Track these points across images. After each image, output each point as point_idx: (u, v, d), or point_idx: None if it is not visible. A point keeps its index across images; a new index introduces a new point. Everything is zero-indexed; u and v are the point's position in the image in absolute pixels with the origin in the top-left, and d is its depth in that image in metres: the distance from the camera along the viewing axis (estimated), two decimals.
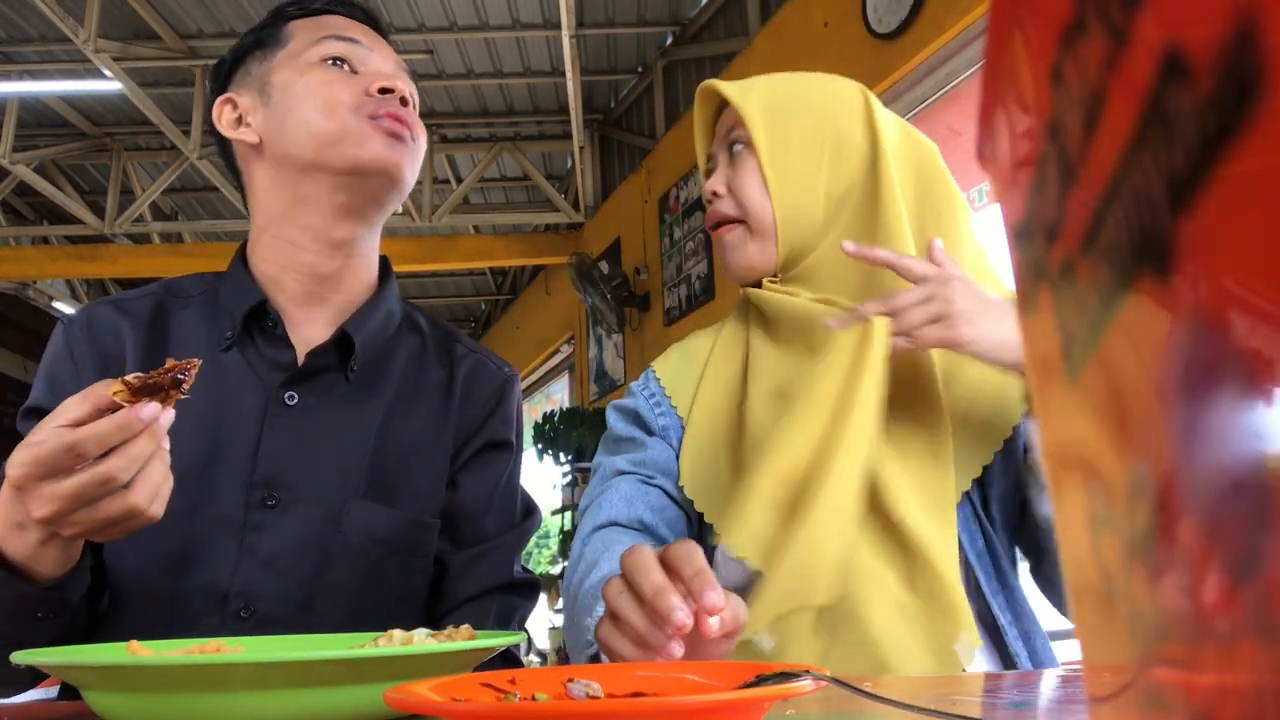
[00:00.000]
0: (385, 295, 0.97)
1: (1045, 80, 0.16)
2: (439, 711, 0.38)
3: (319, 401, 0.89)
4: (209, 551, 0.83)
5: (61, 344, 0.89)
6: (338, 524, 0.86)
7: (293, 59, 0.91)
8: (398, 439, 0.92)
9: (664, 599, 0.58)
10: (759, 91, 1.00)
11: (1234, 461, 0.11)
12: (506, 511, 0.98)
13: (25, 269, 6.53)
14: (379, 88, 0.89)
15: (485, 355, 1.02)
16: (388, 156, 0.88)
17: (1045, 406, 0.20)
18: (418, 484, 0.92)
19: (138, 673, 0.48)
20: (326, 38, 0.91)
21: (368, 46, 0.93)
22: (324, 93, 0.88)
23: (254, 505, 0.85)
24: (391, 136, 0.88)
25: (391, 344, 0.96)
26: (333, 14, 0.95)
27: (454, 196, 5.96)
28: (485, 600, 0.93)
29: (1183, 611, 0.12)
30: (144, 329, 0.90)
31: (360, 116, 0.88)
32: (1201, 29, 0.10)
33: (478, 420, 0.97)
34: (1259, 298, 0.10)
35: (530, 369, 7.42)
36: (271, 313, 0.90)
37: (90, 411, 0.62)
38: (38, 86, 5.26)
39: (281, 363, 0.89)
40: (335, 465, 0.88)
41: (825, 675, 0.43)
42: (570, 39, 4.43)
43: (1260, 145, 0.10)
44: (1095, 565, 0.17)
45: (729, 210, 0.99)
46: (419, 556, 0.91)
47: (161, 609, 0.81)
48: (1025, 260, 0.19)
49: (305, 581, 0.85)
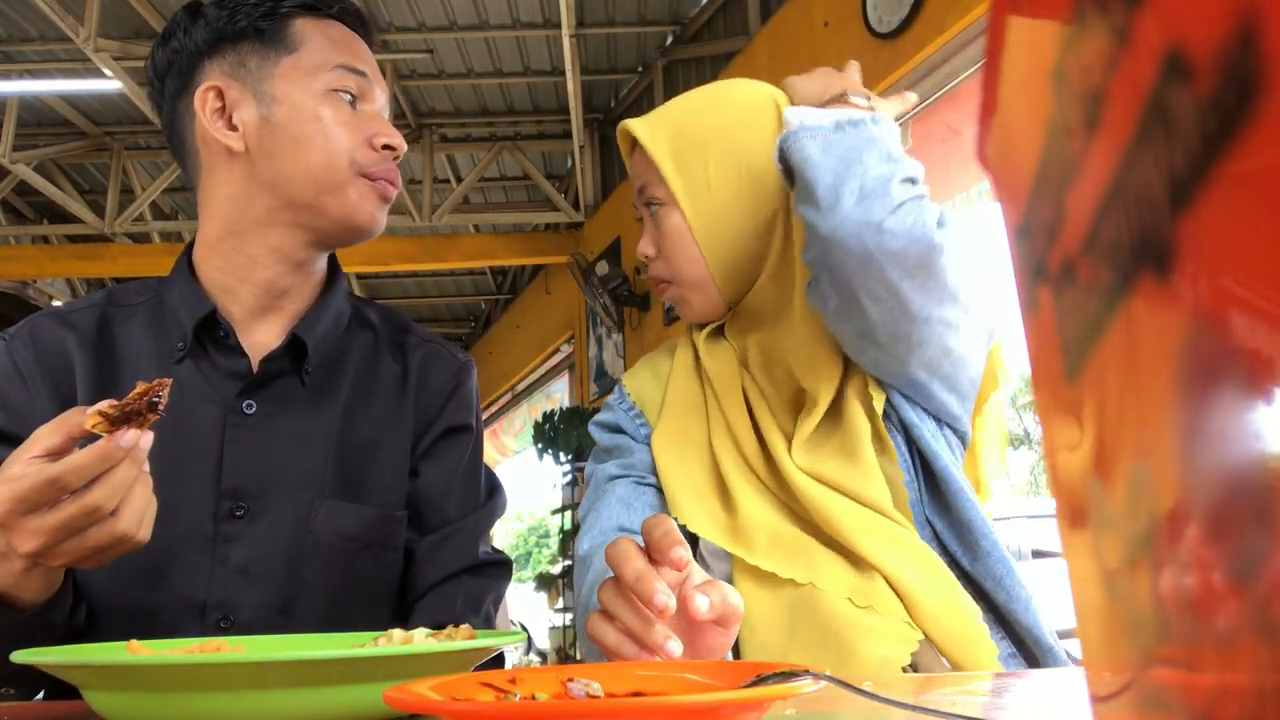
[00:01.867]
0: (334, 295, 0.96)
1: (1045, 80, 0.16)
2: (439, 711, 0.38)
3: (277, 408, 0.89)
4: (181, 565, 0.83)
5: (7, 361, 0.87)
6: (308, 526, 0.86)
7: (303, 76, 0.88)
8: (358, 436, 0.92)
9: (645, 583, 0.59)
10: (668, 129, 0.98)
11: (1234, 461, 0.11)
12: (469, 494, 0.98)
13: (25, 268, 6.53)
14: (383, 144, 0.89)
15: (439, 343, 1.02)
16: (376, 218, 0.90)
17: (1045, 406, 0.20)
18: (381, 478, 0.92)
19: (138, 672, 0.48)
20: (340, 67, 0.89)
21: (371, 79, 0.92)
22: (334, 136, 0.87)
23: (223, 517, 0.84)
24: (382, 199, 0.90)
25: (343, 342, 0.96)
26: (339, 21, 0.93)
27: (454, 196, 5.96)
28: (452, 583, 0.93)
29: (1183, 611, 0.12)
30: (90, 343, 0.88)
31: (356, 173, 0.88)
32: (1202, 29, 0.10)
33: (435, 408, 0.97)
34: (1259, 297, 0.10)
35: (530, 368, 7.41)
36: (223, 323, 0.88)
37: (64, 441, 0.62)
38: (38, 86, 5.26)
39: (236, 371, 0.88)
40: (299, 470, 0.88)
41: (825, 675, 0.43)
42: (570, 38, 4.43)
43: (1260, 145, 0.10)
44: (1095, 565, 0.17)
45: (663, 274, 1.01)
46: (390, 550, 0.92)
47: (139, 622, 0.80)
48: (1025, 260, 0.19)
49: (281, 586, 0.85)
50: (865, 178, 0.81)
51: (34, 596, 0.69)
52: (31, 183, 5.72)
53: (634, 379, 1.09)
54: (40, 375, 0.86)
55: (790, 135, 0.86)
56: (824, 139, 0.84)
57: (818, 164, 0.83)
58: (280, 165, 0.86)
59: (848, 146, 0.83)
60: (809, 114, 0.87)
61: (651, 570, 0.60)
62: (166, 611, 0.82)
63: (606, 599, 0.64)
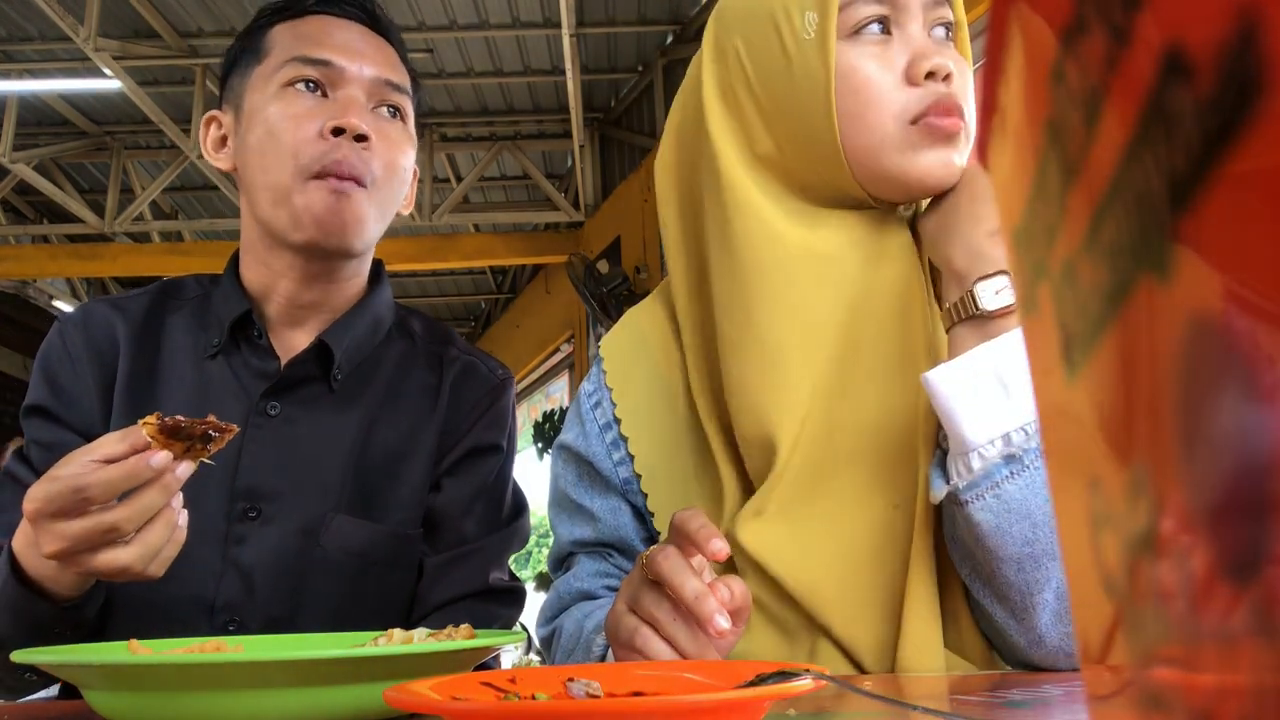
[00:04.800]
0: (372, 302, 0.94)
1: (1045, 80, 0.16)
2: (439, 711, 0.38)
3: (300, 412, 0.88)
4: (193, 562, 0.82)
5: (59, 344, 0.89)
6: (316, 539, 0.86)
7: (263, 81, 0.87)
8: (381, 447, 0.90)
9: (706, 604, 0.57)
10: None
11: (1235, 462, 0.11)
12: (490, 514, 0.95)
13: (25, 268, 6.54)
14: (332, 128, 0.83)
15: (479, 358, 1.00)
16: (327, 221, 0.83)
17: (1045, 406, 0.20)
18: (400, 494, 0.90)
19: (138, 672, 0.48)
20: (295, 59, 0.85)
21: (345, 62, 0.86)
22: (278, 134, 0.83)
23: (235, 517, 0.84)
24: (334, 194, 0.83)
25: (379, 351, 0.94)
26: (320, 14, 0.89)
27: (454, 195, 5.96)
28: (456, 608, 0.89)
29: (1183, 611, 0.12)
30: (137, 327, 0.90)
31: (303, 178, 0.83)
32: (1202, 29, 0.10)
33: (465, 425, 0.94)
34: (1260, 298, 0.10)
35: (530, 368, 7.41)
36: (257, 323, 0.89)
37: (126, 450, 0.61)
38: (38, 85, 5.26)
39: (265, 372, 0.88)
40: (316, 477, 0.87)
41: (826, 674, 0.43)
42: (570, 38, 4.43)
43: (1261, 145, 0.10)
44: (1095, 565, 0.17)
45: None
46: (400, 569, 0.90)
47: (149, 619, 0.81)
48: (1025, 260, 0.19)
49: (286, 595, 0.84)
50: (1059, 583, 0.64)
51: (68, 591, 0.70)
52: (31, 182, 5.73)
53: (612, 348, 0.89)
54: (88, 358, 0.87)
55: (964, 486, 0.65)
56: (1000, 499, 0.64)
57: (998, 539, 0.64)
58: (248, 181, 0.87)
59: (1033, 520, 0.63)
60: (975, 421, 0.64)
61: (708, 590, 0.58)
62: (177, 609, 0.82)
63: (661, 618, 0.60)
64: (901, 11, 0.73)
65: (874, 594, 0.71)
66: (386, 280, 0.99)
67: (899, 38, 0.73)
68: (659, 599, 0.61)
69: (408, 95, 0.92)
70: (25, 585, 0.69)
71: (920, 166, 0.71)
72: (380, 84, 0.89)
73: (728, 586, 0.60)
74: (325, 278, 0.90)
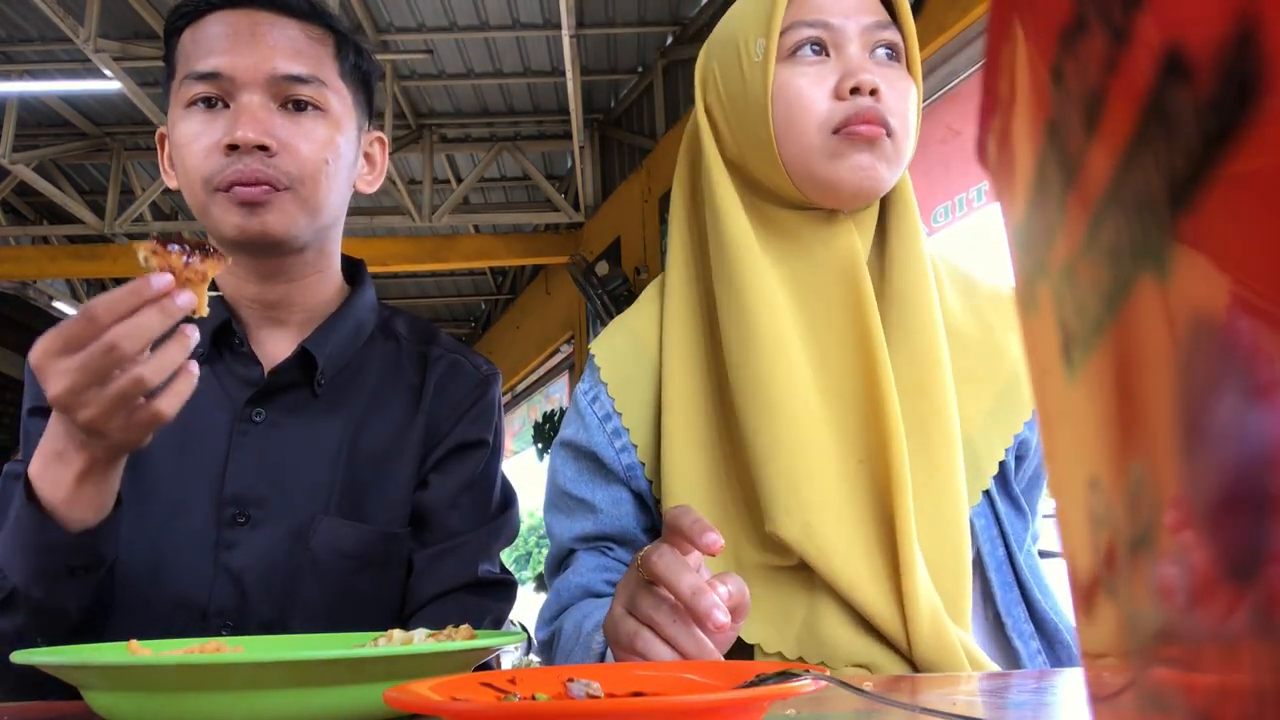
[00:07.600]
0: (354, 305, 0.94)
1: (1045, 80, 0.16)
2: (439, 711, 0.38)
3: (286, 418, 0.88)
4: (184, 568, 0.83)
5: None
6: (306, 541, 0.86)
7: (175, 97, 0.86)
8: (368, 450, 0.90)
9: (704, 599, 0.57)
10: None
11: (1234, 461, 0.11)
12: (477, 508, 0.95)
13: (25, 269, 6.54)
14: (226, 145, 0.82)
15: (463, 354, 1.00)
16: (243, 228, 0.83)
17: (1045, 406, 0.20)
18: (388, 493, 0.90)
19: (138, 672, 0.48)
20: (187, 76, 0.84)
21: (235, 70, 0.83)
22: (187, 156, 0.84)
23: (225, 523, 0.84)
24: (241, 205, 0.82)
25: (363, 354, 0.94)
26: (217, 9, 0.85)
27: (454, 196, 5.96)
28: (448, 600, 0.90)
29: (1183, 611, 0.12)
30: None
31: (212, 190, 0.83)
32: (1201, 29, 0.10)
33: (450, 421, 0.94)
34: (1259, 298, 0.10)
35: (530, 368, 7.41)
36: (237, 330, 0.89)
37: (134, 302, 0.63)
38: (38, 86, 5.27)
39: (249, 379, 0.88)
40: (303, 481, 0.87)
41: (825, 675, 0.43)
42: (570, 39, 4.43)
43: (1260, 145, 0.10)
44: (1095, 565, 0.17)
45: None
46: (391, 569, 0.90)
47: (144, 625, 0.80)
48: (1025, 260, 0.19)
49: (279, 599, 0.84)
50: None
51: (84, 515, 0.70)
52: (31, 183, 5.73)
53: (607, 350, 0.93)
54: None
55: None
56: None
57: None
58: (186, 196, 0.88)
59: None
60: None
61: (705, 585, 0.58)
62: (171, 614, 0.82)
63: (660, 620, 0.60)
64: (838, 34, 0.81)
65: (859, 530, 0.77)
66: (369, 282, 0.99)
67: (836, 59, 0.81)
68: (657, 601, 0.61)
69: (317, 82, 0.86)
70: (39, 511, 0.69)
71: (840, 172, 0.79)
72: (280, 81, 0.85)
73: (724, 583, 0.60)
74: (282, 276, 0.90)
